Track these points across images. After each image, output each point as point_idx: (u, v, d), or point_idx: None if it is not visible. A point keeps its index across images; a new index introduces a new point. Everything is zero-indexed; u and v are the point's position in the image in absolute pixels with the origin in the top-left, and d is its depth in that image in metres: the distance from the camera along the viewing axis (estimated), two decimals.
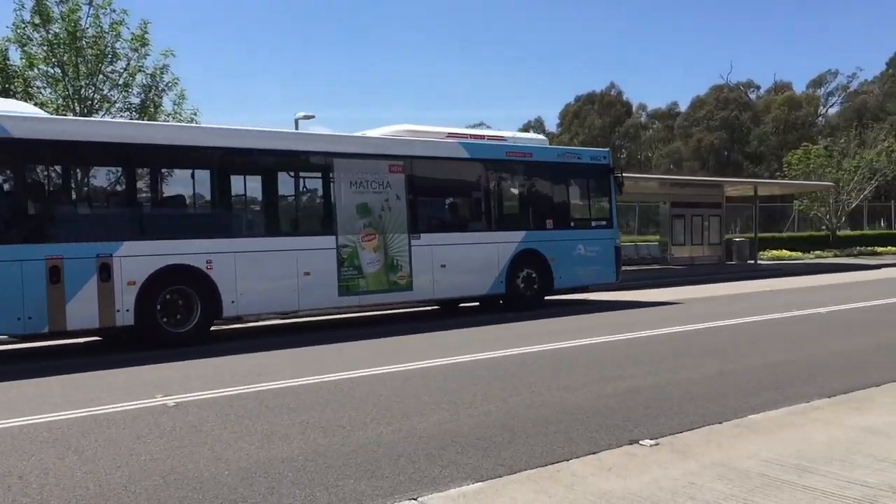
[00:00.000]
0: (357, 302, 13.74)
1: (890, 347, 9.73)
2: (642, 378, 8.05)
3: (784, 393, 7.17)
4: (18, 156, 10.75)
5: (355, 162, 13.59)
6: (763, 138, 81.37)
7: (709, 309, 14.63)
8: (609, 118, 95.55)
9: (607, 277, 16.84)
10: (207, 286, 11.86)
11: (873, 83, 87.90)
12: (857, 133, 39.32)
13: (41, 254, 10.59)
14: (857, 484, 4.65)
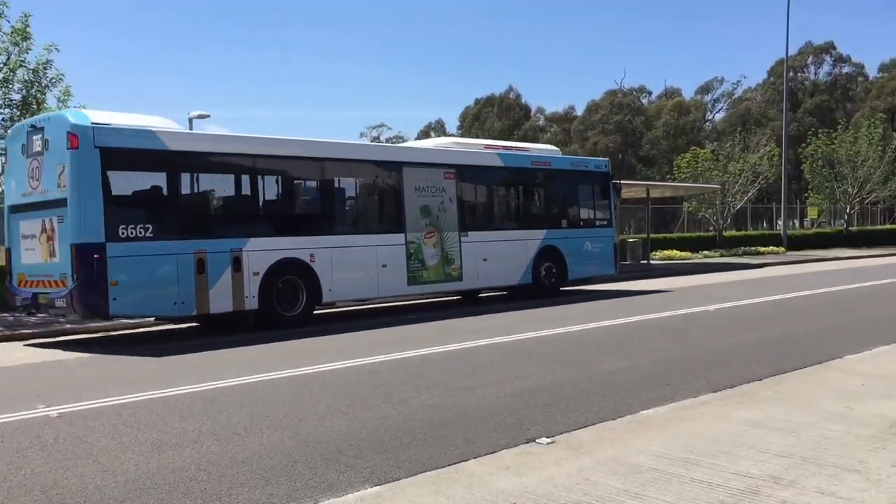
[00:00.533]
0: (420, 291, 15.89)
1: (771, 343, 10.20)
2: (541, 377, 8.17)
3: (674, 389, 7.42)
4: (172, 165, 12.60)
5: (419, 170, 15.71)
6: (655, 142, 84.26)
7: (605, 308, 15.00)
8: (508, 121, 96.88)
9: (608, 270, 19.41)
10: (311, 276, 13.80)
11: (756, 90, 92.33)
12: (742, 138, 41.15)
13: (191, 248, 12.41)
14: (740, 475, 4.85)
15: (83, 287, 11.47)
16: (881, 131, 43.00)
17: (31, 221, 12.48)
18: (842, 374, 7.82)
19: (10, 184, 13.13)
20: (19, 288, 12.82)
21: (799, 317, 12.99)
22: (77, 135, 11.54)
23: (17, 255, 12.92)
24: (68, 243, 11.61)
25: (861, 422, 6.01)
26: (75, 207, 11.49)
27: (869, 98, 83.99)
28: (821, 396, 6.89)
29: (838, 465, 5.00)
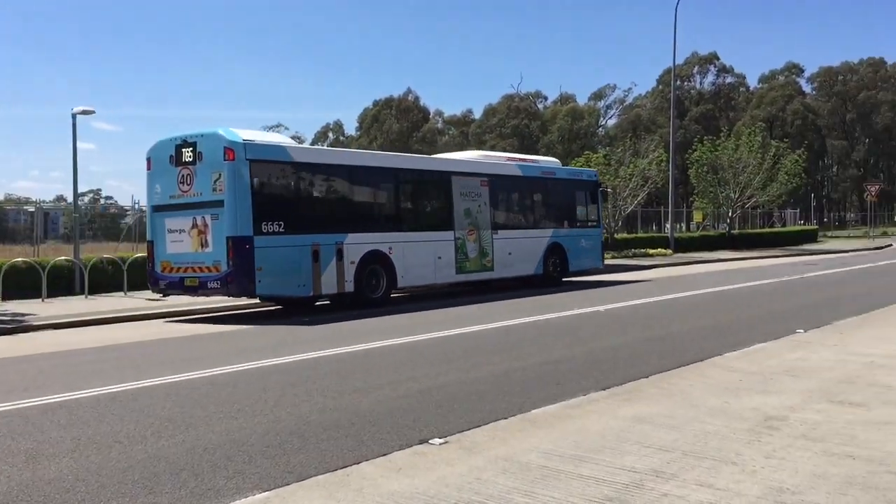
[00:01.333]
0: (464, 279, 18.82)
1: (658, 341, 10.55)
2: (435, 378, 8.20)
3: (565, 387, 7.57)
4: (296, 173, 15.62)
5: (463, 178, 18.85)
6: (550, 146, 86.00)
7: (503, 308, 15.19)
8: (407, 123, 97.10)
9: (597, 264, 23.08)
10: (389, 265, 16.67)
11: (646, 98, 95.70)
12: (632, 143, 42.55)
13: (309, 241, 15.21)
14: (626, 470, 4.99)
15: (237, 272, 14.23)
16: (760, 139, 45.28)
17: (179, 218, 15.06)
18: (721, 371, 8.17)
19: (155, 188, 15.53)
20: (163, 273, 15.32)
21: (683, 316, 13.50)
22: (233, 149, 14.38)
23: (162, 246, 15.35)
24: (224, 236, 14.31)
25: (738, 416, 6.29)
26: (231, 207, 14.26)
27: (750, 107, 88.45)
28: (702, 392, 7.18)
29: (717, 457, 5.21)
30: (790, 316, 12.83)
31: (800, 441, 5.55)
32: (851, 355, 8.89)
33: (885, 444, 5.45)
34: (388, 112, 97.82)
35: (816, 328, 11.13)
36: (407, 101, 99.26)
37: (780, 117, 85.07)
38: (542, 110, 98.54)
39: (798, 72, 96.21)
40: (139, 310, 15.77)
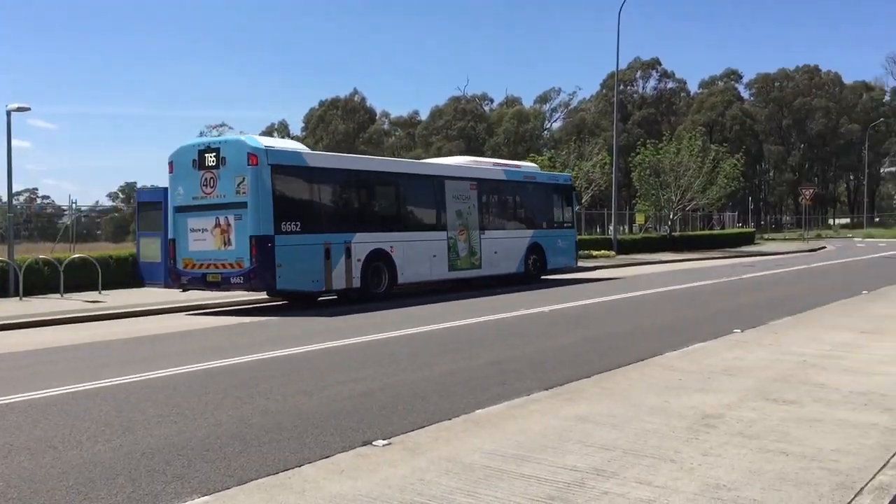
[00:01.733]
0: (455, 276, 20.05)
1: (600, 341, 10.68)
2: (380, 379, 8.17)
3: (509, 388, 7.61)
4: (311, 177, 16.65)
5: (455, 182, 20.13)
6: (497, 148, 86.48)
7: (446, 309, 15.21)
8: (353, 124, 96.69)
9: (571, 263, 24.41)
10: (391, 263, 17.89)
11: (590, 102, 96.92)
12: (576, 146, 43.07)
13: (322, 240, 16.31)
14: (567, 469, 5.04)
15: (260, 268, 15.24)
16: (701, 143, 46.24)
17: (202, 218, 15.97)
18: (662, 370, 8.32)
19: (178, 190, 16.41)
20: (185, 270, 16.26)
21: (626, 317, 13.70)
22: (256, 155, 15.43)
23: (184, 244, 16.28)
24: (247, 235, 15.32)
25: (677, 414, 6.41)
26: (254, 208, 15.29)
27: (690, 112, 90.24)
28: (642, 391, 7.30)
29: (656, 455, 5.30)
30: (728, 316, 13.12)
31: (736, 438, 5.69)
32: (785, 354, 9.14)
33: (816, 440, 5.62)
34: (334, 112, 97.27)
35: (753, 328, 11.42)
36: (353, 101, 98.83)
37: (719, 122, 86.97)
38: (488, 112, 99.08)
39: (737, 78, 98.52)
40: (76, 312, 15.38)
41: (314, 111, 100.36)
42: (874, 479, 4.77)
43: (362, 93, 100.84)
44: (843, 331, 11.02)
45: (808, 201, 57.71)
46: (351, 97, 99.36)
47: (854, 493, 4.54)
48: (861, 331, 11.02)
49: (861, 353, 9.17)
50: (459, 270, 20.01)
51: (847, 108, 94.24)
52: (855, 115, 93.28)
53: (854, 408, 6.55)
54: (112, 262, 21.06)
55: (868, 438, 5.64)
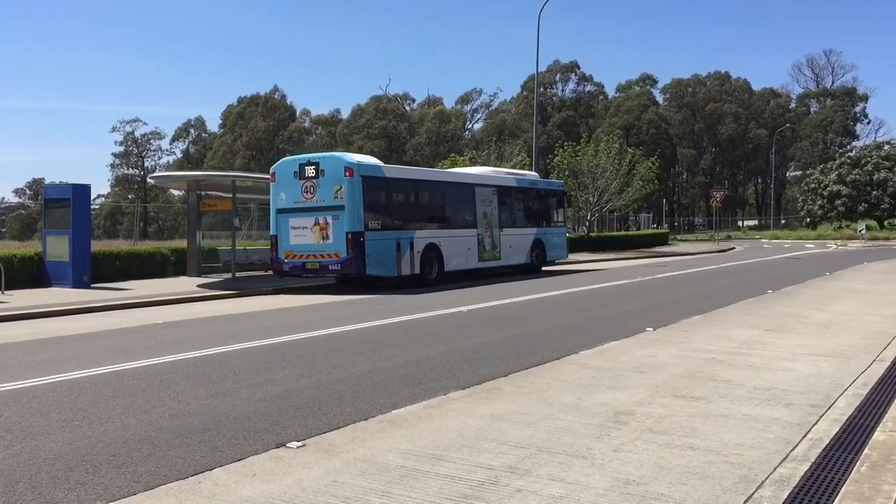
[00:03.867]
0: (483, 266, 23.74)
1: (517, 340, 10.78)
2: (294, 380, 8.06)
3: (426, 387, 7.62)
4: (387, 186, 20.85)
5: (482, 188, 24.16)
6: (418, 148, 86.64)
7: (357, 310, 15.13)
8: (273, 121, 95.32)
9: (564, 255, 28.73)
10: (440, 254, 21.72)
11: (511, 103, 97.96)
12: (497, 147, 43.49)
13: (394, 236, 20.13)
14: (482, 467, 5.08)
15: (355, 257, 19.07)
16: (618, 146, 47.28)
17: (302, 218, 19.59)
18: (576, 368, 8.47)
19: (280, 195, 19.93)
20: (286, 260, 19.85)
21: (543, 316, 13.89)
22: (352, 168, 19.35)
23: (286, 239, 19.83)
24: (344, 232, 19.03)
25: (590, 412, 6.53)
26: (350, 211, 19.05)
27: (608, 115, 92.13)
28: (557, 389, 7.41)
29: (569, 452, 5.39)
30: (642, 315, 13.45)
31: (646, 434, 5.83)
32: (695, 352, 9.43)
33: (721, 435, 5.81)
34: (253, 109, 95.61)
35: (664, 326, 11.73)
36: (273, 99, 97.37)
37: (635, 125, 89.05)
38: (409, 112, 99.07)
39: (652, 83, 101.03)
40: None
41: (232, 108, 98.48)
42: (775, 471, 4.95)
43: (283, 90, 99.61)
44: (748, 329, 11.43)
45: (719, 204, 59.72)
46: (271, 94, 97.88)
47: (756, 485, 4.70)
48: (766, 328, 11.45)
49: (765, 350, 9.52)
50: (485, 261, 23.87)
51: (755, 113, 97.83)
52: (763, 120, 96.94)
53: (758, 403, 6.79)
54: (16, 262, 20.18)
55: (770, 433, 5.85)
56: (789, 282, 20.13)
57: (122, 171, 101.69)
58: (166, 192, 77.69)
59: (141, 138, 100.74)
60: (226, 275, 23.23)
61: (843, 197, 71.73)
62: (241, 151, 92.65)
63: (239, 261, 23.64)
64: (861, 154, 76.71)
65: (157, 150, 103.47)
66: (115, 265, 22.41)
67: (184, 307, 16.49)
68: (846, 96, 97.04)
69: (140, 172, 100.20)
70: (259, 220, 28.25)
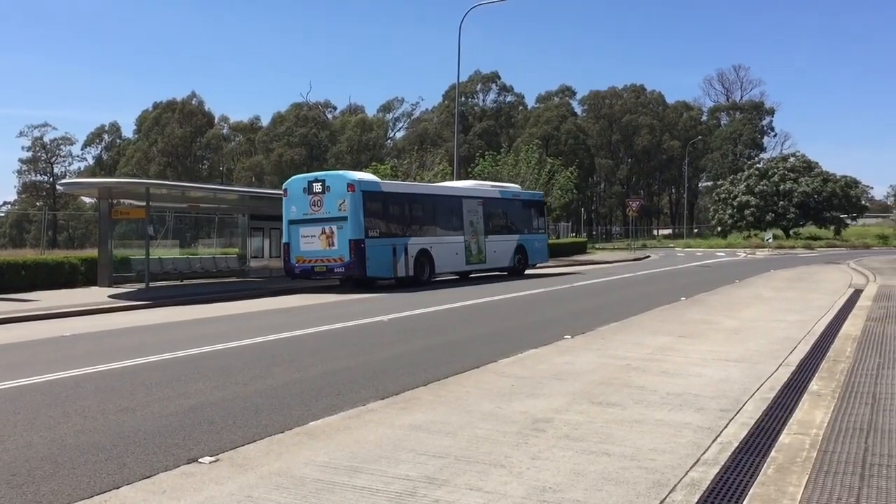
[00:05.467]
0: (469, 268, 26.54)
1: (438, 349, 10.77)
2: (209, 393, 7.85)
3: (344, 398, 7.52)
4: (384, 199, 23.46)
5: (468, 200, 26.94)
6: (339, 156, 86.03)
7: (281, 319, 14.88)
8: (190, 128, 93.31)
9: (545, 259, 31.83)
10: (431, 258, 24.26)
11: (433, 112, 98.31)
12: (419, 156, 43.58)
13: (390, 243, 22.93)
14: (400, 478, 5.03)
15: (357, 261, 21.77)
16: (537, 156, 48.02)
17: (311, 228, 22.40)
18: (495, 377, 8.51)
19: (291, 208, 22.73)
20: (297, 264, 22.60)
21: (463, 324, 13.92)
22: (354, 185, 22.22)
23: (297, 246, 22.60)
24: (347, 239, 21.81)
25: (509, 420, 6.57)
26: (352, 221, 21.88)
27: (528, 125, 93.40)
28: (477, 398, 7.43)
29: (487, 461, 5.40)
30: (560, 322, 13.63)
31: (563, 441, 5.89)
32: (611, 359, 9.59)
33: (636, 440, 5.91)
34: (170, 115, 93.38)
35: (582, 334, 11.91)
36: (191, 104, 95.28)
37: (554, 136, 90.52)
38: (331, 120, 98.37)
39: (571, 94, 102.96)
40: None
41: (148, 113, 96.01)
42: (686, 475, 5.06)
43: (201, 96, 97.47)
44: (662, 335, 11.70)
45: (635, 213, 61.19)
46: (188, 100, 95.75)
47: (668, 489, 4.80)
48: (679, 335, 11.75)
49: (678, 356, 9.77)
50: (472, 265, 26.56)
51: (669, 125, 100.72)
52: (676, 132, 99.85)
53: (671, 409, 6.95)
54: None
55: (682, 437, 5.99)
56: (701, 289, 20.73)
57: (29, 177, 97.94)
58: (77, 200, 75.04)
59: (50, 144, 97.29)
60: (139, 285, 22.56)
61: (751, 207, 74.39)
62: (156, 158, 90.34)
63: (154, 270, 23.00)
64: (768, 165, 79.75)
65: (67, 156, 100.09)
66: (20, 275, 21.51)
67: (93, 318, 15.93)
68: (754, 110, 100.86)
69: (49, 179, 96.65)
70: (175, 229, 27.57)
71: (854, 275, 27.44)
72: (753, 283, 23.52)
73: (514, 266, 28.66)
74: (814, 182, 73.80)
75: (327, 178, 22.84)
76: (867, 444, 5.45)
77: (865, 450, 5.29)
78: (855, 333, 11.24)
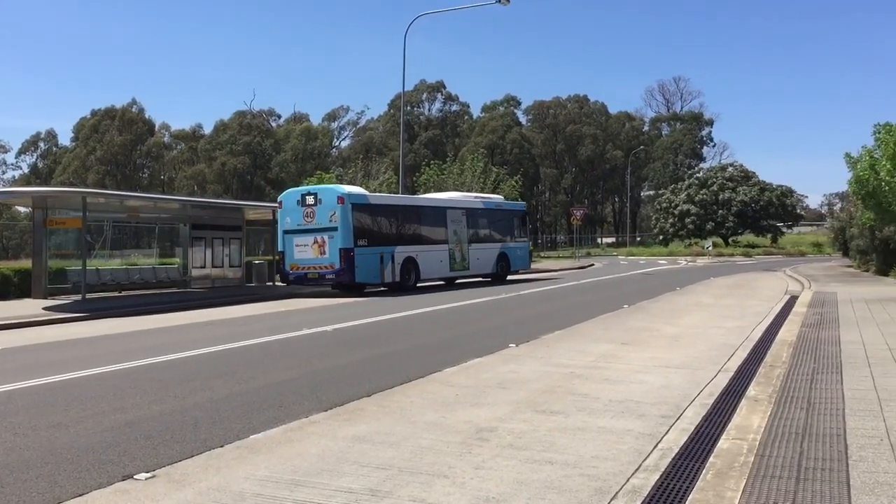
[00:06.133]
0: (453, 275, 28.43)
1: (383, 359, 10.71)
2: (146, 407, 7.65)
3: (287, 410, 7.41)
4: (372, 211, 25.09)
5: (453, 210, 28.67)
6: (284, 165, 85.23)
7: (224, 330, 14.63)
8: (130, 135, 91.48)
9: (527, 266, 33.74)
10: (416, 265, 26.08)
11: (378, 121, 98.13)
12: (364, 165, 43.42)
13: (378, 251, 24.57)
14: (342, 491, 4.96)
15: (346, 268, 23.51)
16: (483, 165, 48.25)
17: (304, 237, 24.14)
18: (440, 386, 8.48)
19: (286, 220, 24.51)
20: (291, 271, 24.38)
21: (408, 334, 13.87)
22: (344, 198, 23.99)
23: (291, 254, 24.35)
24: (338, 248, 23.52)
25: (453, 429, 6.54)
26: (342, 231, 23.64)
27: (473, 134, 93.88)
28: (421, 408, 7.39)
29: (431, 472, 5.36)
30: (505, 331, 13.67)
31: (507, 450, 5.88)
32: (555, 367, 9.65)
33: (579, 448, 5.94)
34: (109, 123, 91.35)
35: (527, 342, 11.96)
36: (131, 112, 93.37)
37: (500, 145, 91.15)
38: (275, 128, 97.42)
39: (516, 104, 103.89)
40: None
41: (86, 120, 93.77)
42: (628, 482, 5.10)
43: (141, 103, 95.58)
44: (605, 343, 11.83)
45: (579, 221, 61.90)
46: (128, 107, 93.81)
47: (610, 496, 4.82)
48: (621, 342, 11.88)
49: (620, 364, 9.87)
50: (456, 271, 28.49)
51: (612, 135, 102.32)
52: (619, 142, 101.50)
53: (613, 416, 7.01)
54: None
55: (624, 444, 6.04)
56: (644, 297, 21.04)
57: None
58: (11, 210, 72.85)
59: None
60: (76, 296, 21.97)
61: (692, 215, 75.98)
62: (94, 167, 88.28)
63: (91, 281, 22.44)
64: (708, 175, 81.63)
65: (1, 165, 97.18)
66: None
67: (26, 331, 15.46)
68: (694, 121, 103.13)
69: None
70: (113, 239, 26.94)
71: (790, 282, 28.19)
72: (694, 291, 23.97)
73: (497, 272, 30.23)
74: (751, 191, 75.76)
75: (319, 191, 25.08)
76: (802, 447, 5.56)
77: (801, 454, 5.40)
78: (791, 339, 11.52)
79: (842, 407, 6.83)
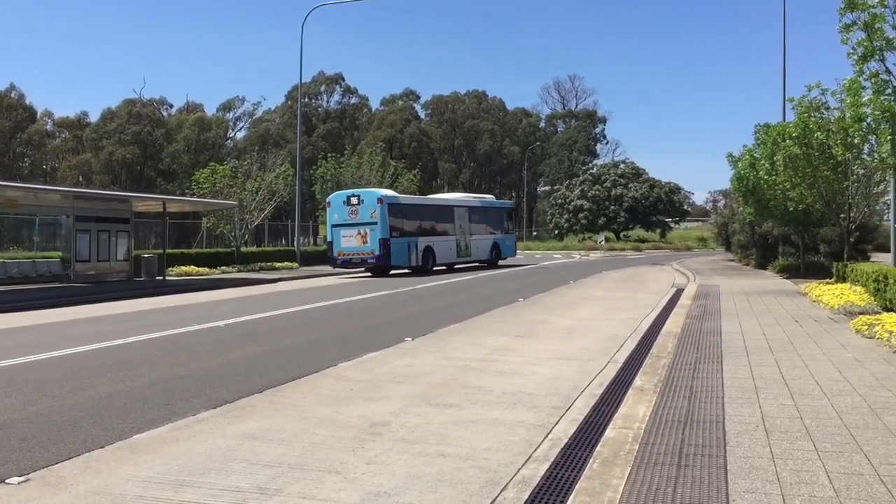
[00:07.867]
0: (459, 261, 34.80)
1: (276, 354, 10.49)
2: (21, 408, 7.26)
3: (173, 408, 7.17)
4: (402, 209, 31.75)
5: (458, 208, 35.50)
6: (176, 156, 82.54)
7: (110, 326, 14.04)
8: (10, 122, 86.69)
9: (514, 254, 40.50)
10: (432, 253, 32.38)
11: (275, 112, 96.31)
12: (260, 157, 42.45)
13: (406, 241, 31.15)
14: (230, 490, 4.84)
15: (384, 255, 29.83)
16: (381, 158, 48.01)
17: (349, 230, 30.43)
18: (334, 381, 8.40)
19: (333, 216, 31.05)
20: (338, 257, 30.76)
21: (303, 329, 13.68)
22: (382, 199, 30.49)
23: (338, 243, 30.70)
24: (377, 238, 29.79)
25: (346, 424, 6.48)
26: (381, 225, 29.87)
27: (372, 128, 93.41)
28: (314, 403, 7.29)
29: (322, 468, 5.29)
30: (402, 325, 13.67)
31: (399, 444, 5.87)
32: (450, 360, 9.71)
33: (471, 440, 5.99)
34: None
35: (423, 336, 12.00)
36: (10, 98, 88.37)
37: (398, 139, 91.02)
38: (167, 118, 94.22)
39: (415, 98, 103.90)
40: None
41: None
42: (518, 473, 5.18)
43: (21, 88, 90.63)
44: (500, 336, 11.98)
45: None
46: (7, 92, 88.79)
47: (500, 488, 4.88)
48: (516, 335, 12.07)
49: (514, 356, 10.02)
50: (461, 258, 34.65)
51: (510, 131, 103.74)
52: (516, 138, 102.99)
53: (505, 407, 7.10)
54: None
55: (515, 435, 6.13)
56: (538, 290, 21.44)
57: None
58: None
59: None
60: None
61: (585, 211, 77.92)
62: None
63: None
64: (601, 171, 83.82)
65: None
66: None
67: None
68: (588, 118, 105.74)
69: None
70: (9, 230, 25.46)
71: (677, 275, 29.31)
72: (587, 284, 24.60)
73: (491, 259, 37.10)
74: (642, 188, 78.29)
75: (361, 193, 31.33)
76: (684, 435, 5.77)
77: (682, 441, 5.61)
78: (676, 330, 11.97)
79: (721, 395, 7.13)
